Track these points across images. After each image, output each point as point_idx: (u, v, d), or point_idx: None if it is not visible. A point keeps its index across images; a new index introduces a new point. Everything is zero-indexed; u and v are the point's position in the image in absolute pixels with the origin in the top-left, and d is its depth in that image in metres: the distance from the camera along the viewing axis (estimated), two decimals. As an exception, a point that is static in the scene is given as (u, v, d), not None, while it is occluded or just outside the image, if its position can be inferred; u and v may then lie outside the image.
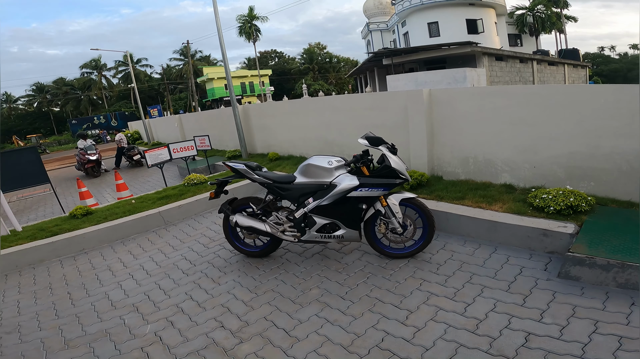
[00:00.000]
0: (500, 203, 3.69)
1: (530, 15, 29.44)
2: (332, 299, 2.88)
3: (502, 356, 2.08)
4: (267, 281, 3.27)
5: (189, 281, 3.44)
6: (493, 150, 4.27)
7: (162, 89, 50.05)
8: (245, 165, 3.54)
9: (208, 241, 4.38)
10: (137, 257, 4.16)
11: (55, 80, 48.98)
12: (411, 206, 3.25)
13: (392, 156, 3.13)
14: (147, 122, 17.83)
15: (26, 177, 6.04)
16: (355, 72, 31.86)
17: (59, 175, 14.05)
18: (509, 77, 19.31)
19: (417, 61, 21.63)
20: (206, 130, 10.53)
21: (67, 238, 4.46)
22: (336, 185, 3.15)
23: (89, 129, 35.58)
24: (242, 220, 3.51)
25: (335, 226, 3.28)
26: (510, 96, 4.06)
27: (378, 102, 5.49)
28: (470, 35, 23.67)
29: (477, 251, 3.32)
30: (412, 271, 3.14)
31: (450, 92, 4.62)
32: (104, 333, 2.79)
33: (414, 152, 4.92)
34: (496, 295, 2.65)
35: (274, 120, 8.19)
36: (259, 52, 55.39)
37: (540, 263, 2.98)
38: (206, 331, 2.67)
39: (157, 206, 5.35)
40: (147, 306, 3.10)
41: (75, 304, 3.27)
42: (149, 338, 2.67)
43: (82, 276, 3.84)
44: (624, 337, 2.08)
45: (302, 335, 2.50)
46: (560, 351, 2.04)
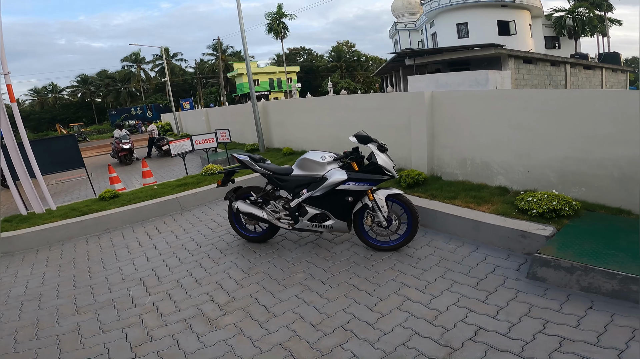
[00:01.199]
0: (489, 204, 3.82)
1: (570, 17, 28.09)
2: (313, 283, 3.15)
3: (449, 346, 2.24)
4: (260, 264, 3.59)
5: (193, 261, 3.82)
6: (490, 153, 4.37)
7: (194, 83, 51.72)
8: (249, 157, 3.88)
9: (216, 226, 4.77)
10: (152, 237, 4.61)
11: (99, 72, 51.86)
12: (397, 202, 3.46)
13: (380, 154, 3.37)
14: (177, 115, 18.73)
15: (64, 161, 6.69)
16: (380, 71, 31.73)
17: (96, 161, 15.12)
18: (537, 81, 18.62)
19: (442, 62, 21.28)
20: (229, 124, 11.04)
21: (95, 218, 4.99)
22: (327, 178, 3.42)
23: (126, 119, 37.42)
24: (243, 206, 3.85)
25: (326, 217, 3.55)
26: (510, 100, 4.15)
27: (386, 102, 5.68)
28: (501, 37, 22.96)
29: (459, 249, 3.47)
30: (393, 263, 3.35)
31: (452, 94, 4.74)
32: (110, 302, 3.17)
33: (415, 152, 5.08)
34: (463, 290, 2.80)
35: (290, 117, 8.53)
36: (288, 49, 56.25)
37: (515, 263, 3.09)
38: (197, 303, 3.01)
39: (175, 192, 5.82)
40: (152, 280, 3.50)
41: (92, 277, 3.71)
42: (148, 307, 3.02)
43: (102, 252, 4.32)
44: (566, 339, 2.16)
45: (279, 312, 2.79)
46: (502, 347, 2.17)
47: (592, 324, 2.25)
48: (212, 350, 2.43)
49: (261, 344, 2.44)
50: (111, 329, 2.76)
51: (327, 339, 2.44)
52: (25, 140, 5.35)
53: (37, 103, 50.69)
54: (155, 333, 2.67)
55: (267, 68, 48.25)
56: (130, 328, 2.76)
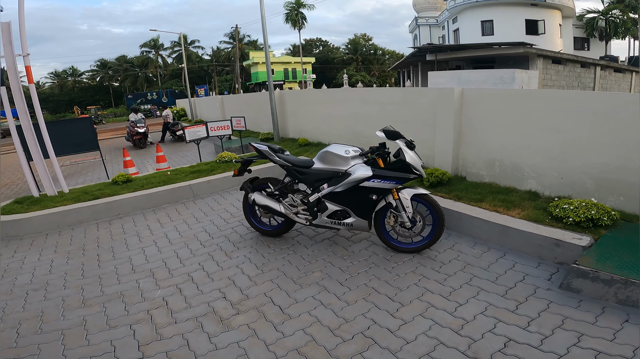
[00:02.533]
0: (519, 209, 3.60)
1: (603, 19, 27.11)
2: (331, 283, 2.99)
3: (476, 358, 2.09)
4: (275, 260, 3.44)
5: (204, 253, 3.70)
6: (521, 155, 4.12)
7: (210, 70, 51.89)
8: (269, 147, 3.71)
9: (229, 216, 4.64)
10: (163, 226, 4.51)
11: (118, 57, 52.69)
12: (423, 203, 3.27)
13: (409, 151, 3.16)
14: (192, 101, 18.68)
15: (80, 143, 6.67)
16: (398, 65, 31.14)
17: (111, 144, 15.20)
18: (565, 82, 17.96)
19: (464, 59, 20.70)
20: (244, 112, 10.90)
21: (106, 203, 4.91)
22: (350, 173, 3.23)
23: (142, 104, 37.85)
24: (259, 198, 3.70)
25: (346, 214, 3.37)
26: (543, 100, 3.89)
27: (408, 97, 5.44)
28: (529, 36, 22.23)
29: (485, 254, 3.28)
30: (415, 266, 3.17)
31: (484, 92, 4.48)
32: (119, 294, 3.02)
33: (439, 150, 4.85)
34: (490, 299, 2.64)
35: (307, 108, 8.33)
36: (304, 40, 55.84)
37: (546, 272, 2.92)
38: (209, 300, 2.87)
39: (188, 179, 5.71)
40: (163, 272, 3.37)
41: (101, 266, 3.56)
42: (157, 302, 2.87)
43: (112, 239, 4.22)
44: (602, 353, 2.03)
45: (295, 314, 2.64)
46: (533, 360, 2.03)
47: (629, 337, 2.13)
48: (224, 353, 2.29)
49: (276, 348, 2.30)
50: (118, 324, 2.63)
51: (346, 346, 2.28)
52: (41, 121, 5.28)
53: (57, 86, 51.91)
54: (164, 331, 2.54)
55: (282, 58, 47.93)
56: (138, 325, 2.63)
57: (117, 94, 51.65)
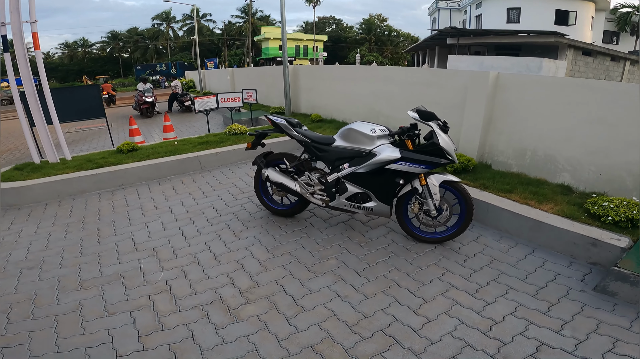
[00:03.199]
0: (552, 204, 3.31)
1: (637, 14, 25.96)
2: (348, 273, 2.77)
3: None
4: (287, 243, 3.21)
5: (211, 231, 3.47)
6: (557, 146, 3.79)
7: (220, 44, 51.02)
8: (287, 120, 3.41)
9: (238, 192, 4.40)
10: (168, 199, 4.28)
11: (129, 29, 52.07)
12: (452, 190, 2.99)
13: (442, 134, 2.85)
14: (202, 73, 18.26)
15: (86, 110, 6.41)
16: (414, 47, 30.16)
17: (118, 112, 14.94)
18: (593, 74, 17.19)
19: (486, 45, 19.88)
20: (255, 85, 10.53)
21: (110, 172, 4.66)
22: (376, 154, 2.94)
23: (151, 75, 37.54)
24: (273, 175, 3.44)
25: (367, 197, 3.11)
26: (593, 91, 3.50)
27: (436, 78, 5.06)
28: (557, 26, 21.19)
29: (513, 249, 3.04)
30: (437, 258, 2.93)
31: (523, 78, 4.10)
32: (118, 276, 2.78)
33: (465, 136, 4.53)
34: (520, 299, 2.43)
35: (323, 83, 7.96)
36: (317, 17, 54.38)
37: (579, 272, 2.70)
38: (216, 286, 2.64)
39: (196, 150, 5.45)
40: (166, 252, 3.13)
41: (101, 242, 3.31)
42: (160, 286, 2.64)
43: (115, 212, 3.98)
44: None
45: (309, 306, 2.42)
46: (568, 366, 1.84)
47: (666, 345, 1.96)
48: (232, 347, 2.08)
49: (289, 344, 2.09)
50: (117, 311, 2.39)
51: (365, 344, 2.08)
52: (45, 87, 5.00)
53: (67, 56, 51.47)
54: (167, 320, 2.31)
55: (294, 34, 46.71)
56: (138, 312, 2.39)
57: (127, 65, 51.22)
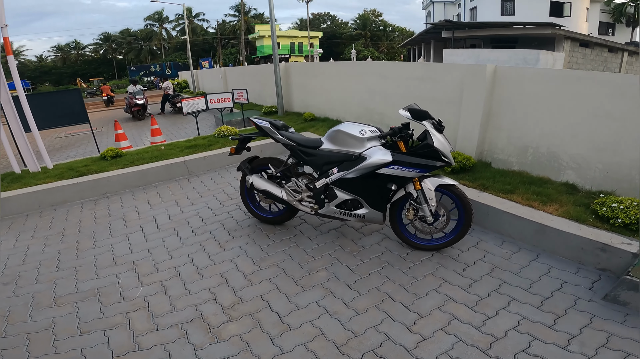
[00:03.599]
0: (556, 205, 3.11)
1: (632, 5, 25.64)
2: (338, 286, 2.57)
3: None
4: (274, 254, 3.02)
5: (195, 242, 3.27)
6: (562, 143, 3.58)
7: (215, 43, 50.73)
8: (270, 123, 3.20)
9: (225, 198, 4.20)
10: (153, 207, 4.08)
11: (121, 31, 51.72)
12: (448, 194, 2.78)
13: (437, 134, 2.63)
14: (194, 73, 18.01)
15: (68, 115, 6.18)
16: (409, 42, 29.86)
17: (109, 115, 14.66)
18: (591, 66, 16.91)
19: (482, 38, 19.59)
20: (248, 84, 10.31)
21: (92, 180, 4.45)
22: (366, 157, 2.73)
23: (145, 76, 37.25)
24: (258, 182, 3.23)
25: (358, 204, 2.91)
26: (600, 84, 3.27)
27: (431, 73, 4.84)
28: (552, 18, 20.88)
29: (515, 255, 2.84)
30: (434, 267, 2.74)
31: (523, 71, 3.87)
32: (94, 292, 2.65)
33: (463, 132, 4.32)
34: (524, 311, 2.25)
35: (315, 81, 7.73)
36: (312, 14, 54.21)
37: (587, 280, 2.51)
38: (197, 302, 2.48)
39: (184, 155, 5.24)
40: (147, 265, 2.96)
41: (79, 256, 3.17)
42: (137, 302, 2.51)
43: (96, 223, 3.80)
44: None
45: (295, 323, 2.24)
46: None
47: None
48: (211, 372, 1.90)
49: (272, 369, 1.90)
50: (91, 329, 2.27)
51: (355, 369, 1.88)
52: (20, 93, 4.77)
53: (60, 59, 51.18)
54: (143, 340, 2.16)
55: (288, 32, 46.42)
56: (114, 330, 2.25)
57: (121, 66, 50.97)
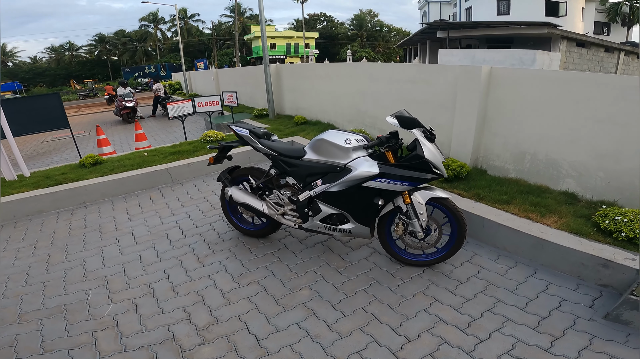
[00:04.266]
0: (555, 216, 2.94)
1: (628, 5, 25.58)
2: (321, 306, 2.39)
3: None
4: (256, 270, 2.82)
5: (173, 256, 3.08)
6: (561, 149, 3.41)
7: (210, 44, 50.50)
8: (250, 131, 3.00)
9: (209, 208, 4.00)
10: (131, 218, 3.87)
11: (116, 32, 51.40)
12: (440, 207, 2.60)
13: (427, 143, 2.44)
14: (187, 74, 17.76)
15: (48, 121, 5.94)
16: (405, 42, 29.72)
17: (99, 117, 14.41)
18: (587, 66, 16.80)
19: (478, 38, 19.47)
20: (240, 86, 10.12)
21: (69, 189, 4.23)
22: (351, 169, 2.54)
23: (140, 77, 36.93)
24: (238, 194, 3.04)
25: (343, 218, 2.72)
26: (602, 86, 3.09)
27: (423, 74, 4.66)
28: (548, 18, 20.80)
29: (512, 271, 2.67)
30: (425, 285, 2.56)
31: (519, 73, 3.69)
32: (61, 308, 2.50)
33: (457, 138, 4.14)
34: (519, 333, 2.10)
35: (306, 83, 7.55)
36: (308, 14, 54.22)
37: (587, 297, 2.36)
38: (169, 322, 2.30)
39: (167, 161, 5.03)
40: (119, 281, 2.78)
41: (49, 270, 3.00)
42: (106, 321, 2.35)
43: (70, 234, 3.60)
44: None
45: (273, 348, 2.06)
46: None
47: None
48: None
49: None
50: (54, 349, 2.13)
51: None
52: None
53: (54, 60, 50.82)
54: (106, 365, 1.97)
55: (284, 32, 46.29)
56: (78, 350, 2.11)
57: (115, 68, 50.65)
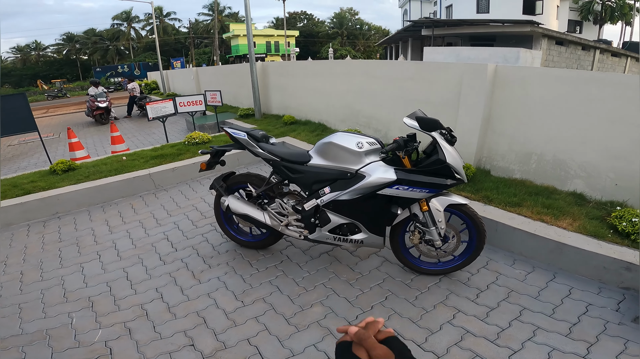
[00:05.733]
0: (569, 219, 2.83)
1: (599, 3, 26.52)
2: (337, 323, 2.17)
3: None
4: (260, 286, 2.57)
5: (164, 273, 2.77)
6: (570, 150, 3.32)
7: (187, 43, 49.20)
8: (248, 134, 2.72)
9: (199, 217, 3.69)
10: (112, 230, 3.52)
11: (86, 31, 49.24)
12: (457, 214, 2.42)
13: (449, 147, 2.23)
14: (164, 73, 17.09)
15: (13, 123, 5.45)
16: (386, 40, 29.85)
17: (71, 119, 13.61)
18: (565, 64, 17.29)
19: (461, 36, 19.70)
20: (222, 85, 9.72)
21: (39, 199, 3.81)
22: (364, 175, 2.31)
23: (112, 77, 35.50)
24: (236, 204, 2.76)
25: (354, 228, 2.50)
26: (615, 86, 3.00)
27: (424, 72, 4.50)
28: (525, 16, 21.28)
29: (530, 276, 2.56)
30: (445, 295, 2.39)
31: (527, 71, 3.59)
32: (43, 334, 2.19)
33: (461, 138, 3.88)
34: (552, 341, 1.99)
35: (295, 81, 7.28)
36: (288, 13, 53.61)
37: (612, 300, 2.28)
38: (171, 349, 2.03)
39: (149, 166, 4.66)
40: (106, 303, 2.46)
41: (24, 290, 2.65)
42: (97, 348, 2.06)
43: (44, 249, 3.22)
44: None
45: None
46: None
47: None
48: None
49: None
50: None
51: None
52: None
53: (19, 60, 48.47)
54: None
55: (264, 30, 45.65)
56: None
57: (86, 67, 48.53)
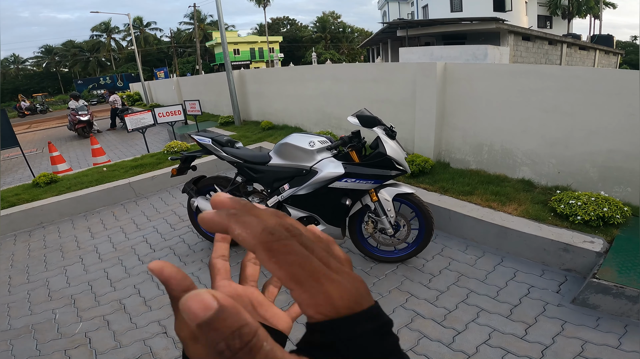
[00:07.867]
0: (515, 204, 3.10)
1: None
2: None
3: None
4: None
5: (142, 271, 2.98)
6: (514, 139, 3.61)
7: (170, 52, 49.07)
8: (213, 139, 2.94)
9: (177, 220, 3.88)
10: (94, 236, 3.70)
11: (64, 43, 48.71)
12: (406, 203, 2.67)
13: (389, 141, 2.51)
14: (146, 84, 17.14)
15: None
16: (367, 42, 30.32)
17: (53, 133, 13.59)
18: (534, 59, 17.84)
19: (435, 35, 20.20)
20: (203, 94, 9.90)
21: (24, 211, 3.99)
22: (317, 171, 2.56)
23: (94, 89, 35.18)
24: (204, 204, 2.97)
25: (314, 221, 2.73)
26: (545, 78, 3.32)
27: (384, 73, 4.78)
28: (496, 13, 21.93)
29: (480, 260, 2.79)
30: (400, 281, 2.62)
31: (471, 67, 3.89)
32: (29, 329, 2.43)
33: (419, 134, 4.27)
34: (493, 322, 2.17)
35: (270, 88, 7.52)
36: (271, 19, 54.21)
37: (554, 282, 2.48)
38: (145, 336, 2.24)
39: (129, 175, 4.83)
40: (87, 299, 2.68)
41: (12, 291, 2.89)
42: (77, 338, 2.29)
43: (30, 256, 3.42)
44: None
45: None
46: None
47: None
48: None
49: None
50: None
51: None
52: None
53: (-2, 74, 47.54)
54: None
55: (248, 37, 45.83)
56: None
57: (67, 80, 48.07)
